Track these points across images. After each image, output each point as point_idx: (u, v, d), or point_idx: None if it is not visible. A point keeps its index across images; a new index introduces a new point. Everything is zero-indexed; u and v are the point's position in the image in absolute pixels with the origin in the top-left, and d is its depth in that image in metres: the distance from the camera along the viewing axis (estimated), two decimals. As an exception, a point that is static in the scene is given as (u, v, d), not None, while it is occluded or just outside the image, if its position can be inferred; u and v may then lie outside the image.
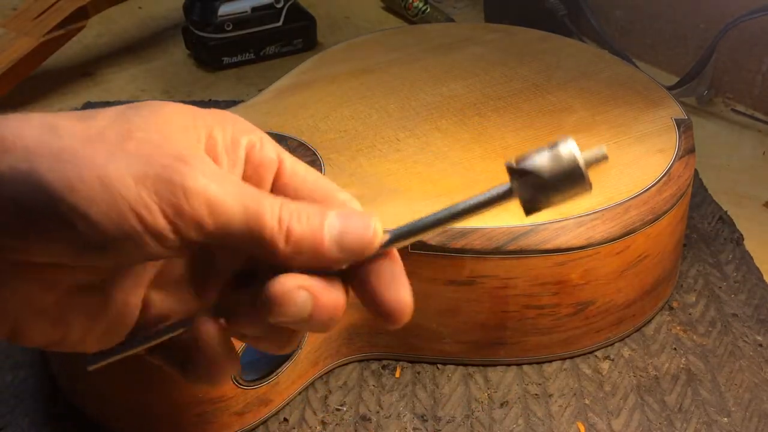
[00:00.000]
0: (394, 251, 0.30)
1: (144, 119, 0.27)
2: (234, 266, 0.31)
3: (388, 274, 0.29)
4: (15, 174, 0.25)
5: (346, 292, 0.29)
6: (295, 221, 0.27)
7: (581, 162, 0.27)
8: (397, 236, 0.29)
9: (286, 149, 0.32)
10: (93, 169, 0.25)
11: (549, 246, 0.54)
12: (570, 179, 0.27)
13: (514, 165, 0.28)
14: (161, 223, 0.25)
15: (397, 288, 0.29)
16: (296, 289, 0.27)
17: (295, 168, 0.31)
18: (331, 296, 0.28)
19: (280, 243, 0.27)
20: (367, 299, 0.29)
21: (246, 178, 0.30)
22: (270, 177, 0.30)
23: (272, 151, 0.30)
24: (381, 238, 0.28)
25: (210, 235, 0.26)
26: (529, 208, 0.28)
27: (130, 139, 0.26)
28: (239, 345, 0.51)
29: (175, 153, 0.26)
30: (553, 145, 0.27)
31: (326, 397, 0.57)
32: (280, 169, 0.30)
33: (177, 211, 0.26)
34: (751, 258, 0.69)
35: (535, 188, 0.28)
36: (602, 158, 0.27)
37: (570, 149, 0.27)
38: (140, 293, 0.30)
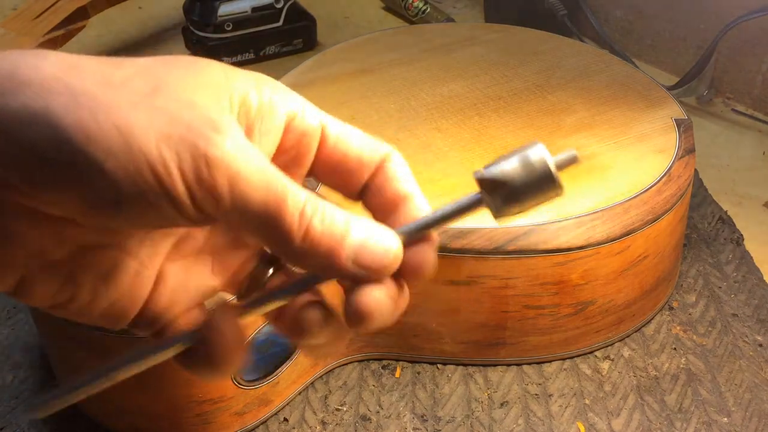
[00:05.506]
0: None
1: (174, 75, 0.25)
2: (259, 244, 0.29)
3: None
4: (29, 113, 0.23)
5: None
6: (318, 220, 0.25)
7: (552, 166, 0.27)
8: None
9: None
10: (112, 117, 0.23)
11: (549, 246, 0.54)
12: (541, 184, 0.27)
13: (483, 174, 0.27)
14: (179, 187, 0.24)
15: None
16: (387, 300, 0.26)
17: (341, 132, 0.29)
18: (403, 301, 0.27)
19: (297, 238, 0.25)
20: None
21: (285, 148, 0.28)
22: (314, 145, 0.29)
23: (315, 118, 0.28)
24: (398, 262, 0.27)
25: (226, 211, 0.25)
26: (500, 215, 0.28)
27: (156, 93, 0.24)
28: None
29: (203, 117, 0.24)
30: (521, 151, 0.27)
31: (326, 397, 0.57)
32: (324, 135, 0.29)
33: (196, 178, 0.24)
34: (751, 258, 0.69)
35: (505, 196, 0.27)
36: (573, 160, 0.27)
37: (540, 154, 0.27)
38: (156, 263, 0.29)
